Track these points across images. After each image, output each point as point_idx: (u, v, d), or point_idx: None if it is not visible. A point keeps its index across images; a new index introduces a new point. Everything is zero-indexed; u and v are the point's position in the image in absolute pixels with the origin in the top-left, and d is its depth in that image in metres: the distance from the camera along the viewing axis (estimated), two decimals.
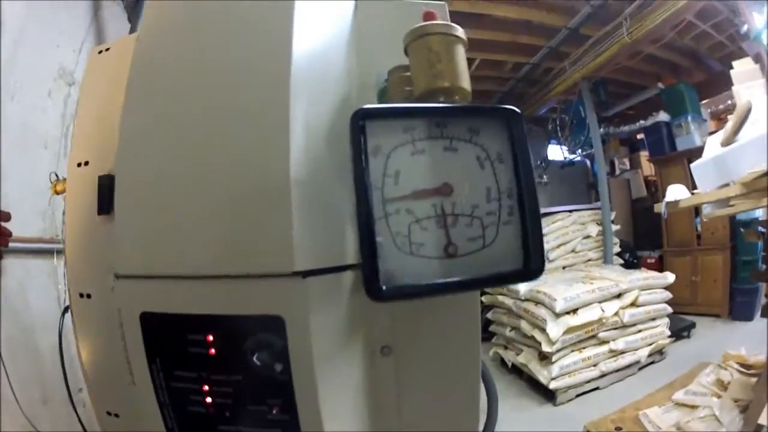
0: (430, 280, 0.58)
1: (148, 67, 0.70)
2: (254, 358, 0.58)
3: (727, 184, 2.31)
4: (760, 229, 2.61)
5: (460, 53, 0.65)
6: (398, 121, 0.60)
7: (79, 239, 0.83)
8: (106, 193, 0.73)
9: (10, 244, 1.50)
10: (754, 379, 2.61)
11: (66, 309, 0.96)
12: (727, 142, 2.38)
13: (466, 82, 0.65)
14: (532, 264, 0.60)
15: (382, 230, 0.57)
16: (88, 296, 0.81)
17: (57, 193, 1.08)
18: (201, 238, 0.62)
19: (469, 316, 0.75)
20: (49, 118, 1.94)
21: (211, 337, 0.61)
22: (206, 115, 0.64)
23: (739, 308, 4.80)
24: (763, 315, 3.39)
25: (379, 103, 0.73)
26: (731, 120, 2.42)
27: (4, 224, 1.02)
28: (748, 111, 2.29)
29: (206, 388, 0.62)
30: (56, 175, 1.11)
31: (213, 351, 0.61)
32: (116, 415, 0.83)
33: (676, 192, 2.76)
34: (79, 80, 1.99)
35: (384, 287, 0.56)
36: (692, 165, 2.62)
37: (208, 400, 0.62)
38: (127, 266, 0.66)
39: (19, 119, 1.81)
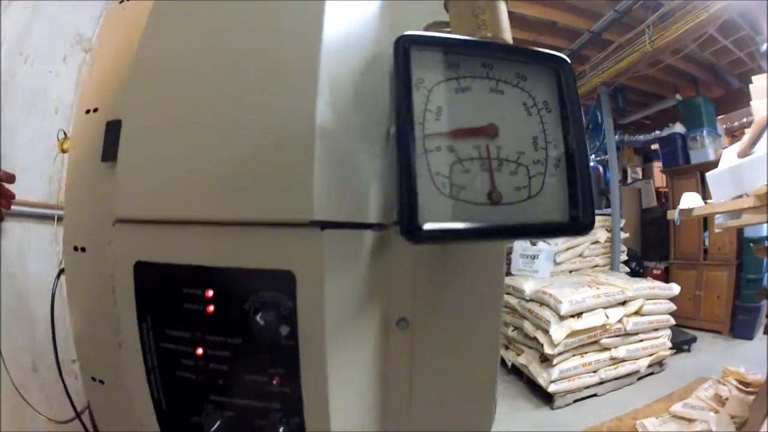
0: (472, 225, 0.53)
1: (169, 7, 0.66)
2: (257, 318, 0.52)
3: (740, 196, 2.30)
4: None
5: (503, 9, 0.63)
6: (442, 56, 0.56)
7: (79, 188, 0.79)
8: (113, 138, 0.67)
9: (13, 207, 1.48)
10: (751, 397, 2.60)
11: (61, 272, 0.93)
12: (743, 154, 2.36)
13: (508, 35, 0.62)
14: (581, 218, 0.56)
15: (421, 168, 0.52)
16: (83, 250, 0.77)
17: (63, 151, 1.05)
18: (209, 180, 0.56)
19: (492, 297, 0.69)
20: (62, 84, 1.91)
21: (210, 293, 0.56)
22: (229, 64, 0.60)
23: (740, 326, 4.79)
24: (766, 332, 3.36)
25: None
26: (748, 132, 2.40)
27: (7, 186, 0.99)
28: (766, 125, 2.26)
29: (200, 351, 0.57)
30: (64, 133, 1.08)
31: (211, 308, 0.56)
32: (101, 382, 0.78)
33: (690, 200, 2.75)
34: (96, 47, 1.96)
35: (424, 226, 0.50)
36: (707, 174, 2.61)
37: (201, 364, 0.57)
38: (126, 209, 0.60)
39: (31, 83, 1.80)
